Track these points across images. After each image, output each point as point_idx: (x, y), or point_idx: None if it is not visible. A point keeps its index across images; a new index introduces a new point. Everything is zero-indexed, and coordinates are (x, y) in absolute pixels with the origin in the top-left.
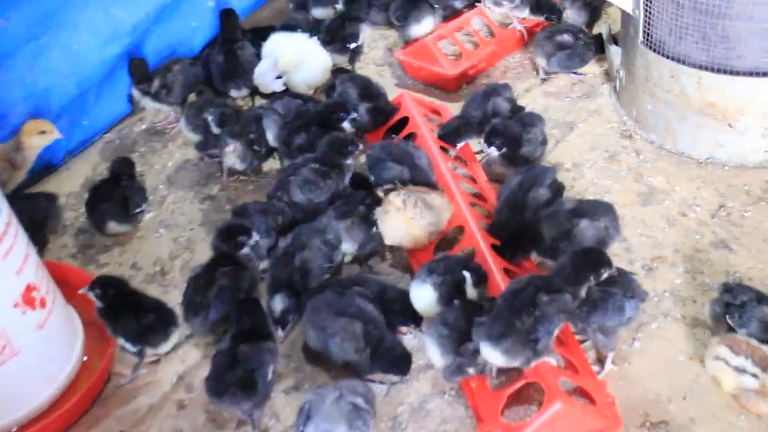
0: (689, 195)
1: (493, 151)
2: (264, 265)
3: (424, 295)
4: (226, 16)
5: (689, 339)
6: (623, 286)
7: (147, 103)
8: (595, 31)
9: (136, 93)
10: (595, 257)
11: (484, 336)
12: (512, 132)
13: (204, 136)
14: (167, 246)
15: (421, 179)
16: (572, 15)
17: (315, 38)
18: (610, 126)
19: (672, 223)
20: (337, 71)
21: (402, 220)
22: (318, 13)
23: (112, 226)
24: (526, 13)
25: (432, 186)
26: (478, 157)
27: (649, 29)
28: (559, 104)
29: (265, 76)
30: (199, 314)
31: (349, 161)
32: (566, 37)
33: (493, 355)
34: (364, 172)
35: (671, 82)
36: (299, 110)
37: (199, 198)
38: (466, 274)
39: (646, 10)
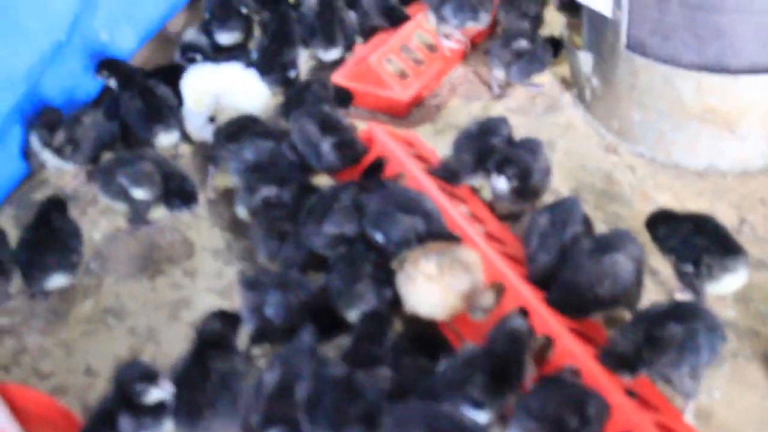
0: (705, 211)
1: (503, 183)
2: None
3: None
4: (117, 64)
5: None
6: (703, 318)
7: (47, 157)
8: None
9: (35, 143)
10: None
11: None
12: (524, 161)
13: (130, 203)
14: (124, 340)
15: (437, 229)
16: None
17: (251, 69)
18: (590, 141)
19: None
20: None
21: (437, 288)
22: (224, 38)
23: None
24: (485, 22)
25: (451, 237)
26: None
27: (629, 32)
28: (527, 122)
29: (192, 121)
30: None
31: None
32: (523, 43)
33: None
34: None
35: (664, 89)
36: (272, 154)
37: (146, 274)
38: None
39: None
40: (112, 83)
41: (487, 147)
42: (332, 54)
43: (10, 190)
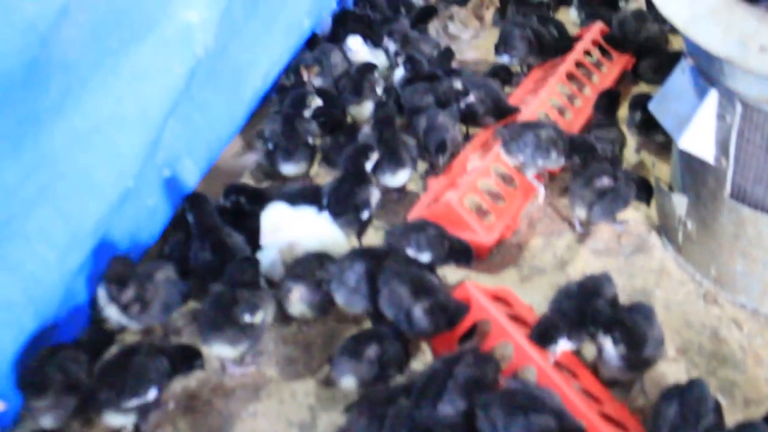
0: None
1: (610, 345)
2: None
3: None
4: (199, 203)
5: None
6: None
7: (112, 313)
8: None
9: (102, 296)
10: None
11: None
12: (639, 328)
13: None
14: None
15: (568, 427)
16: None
17: (325, 213)
18: (686, 290)
19: None
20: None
21: None
22: (289, 169)
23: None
24: (557, 163)
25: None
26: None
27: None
28: (616, 265)
29: (264, 261)
30: None
31: None
32: (606, 181)
33: None
34: None
35: None
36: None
37: None
38: None
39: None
40: (190, 218)
41: (591, 309)
42: (400, 177)
43: None
